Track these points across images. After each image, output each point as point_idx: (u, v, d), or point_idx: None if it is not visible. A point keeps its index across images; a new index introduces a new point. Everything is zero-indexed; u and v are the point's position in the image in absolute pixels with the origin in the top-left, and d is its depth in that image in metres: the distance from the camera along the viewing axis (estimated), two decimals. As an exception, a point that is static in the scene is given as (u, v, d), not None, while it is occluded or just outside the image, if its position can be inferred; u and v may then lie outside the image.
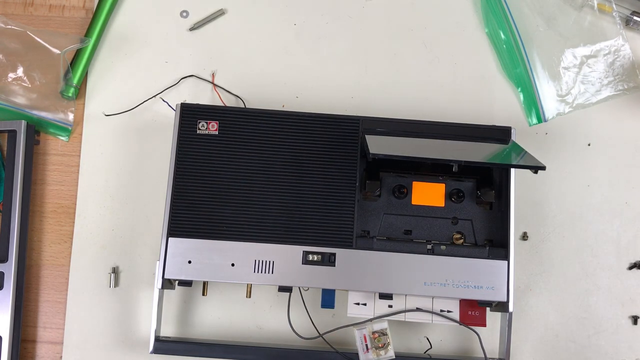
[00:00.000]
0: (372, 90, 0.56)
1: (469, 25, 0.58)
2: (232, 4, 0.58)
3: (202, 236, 0.46)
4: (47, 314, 0.52)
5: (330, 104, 0.56)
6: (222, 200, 0.47)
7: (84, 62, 0.55)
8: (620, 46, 0.56)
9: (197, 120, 0.48)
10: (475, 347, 0.51)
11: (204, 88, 0.56)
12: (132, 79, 0.56)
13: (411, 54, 0.57)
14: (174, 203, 0.46)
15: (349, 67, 0.57)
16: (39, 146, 0.55)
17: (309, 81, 0.56)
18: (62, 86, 0.54)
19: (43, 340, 0.52)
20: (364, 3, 0.58)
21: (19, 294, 0.50)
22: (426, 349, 0.50)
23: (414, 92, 0.56)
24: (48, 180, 0.54)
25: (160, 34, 0.57)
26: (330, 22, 0.58)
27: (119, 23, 0.57)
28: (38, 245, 0.53)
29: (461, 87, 0.56)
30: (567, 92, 0.56)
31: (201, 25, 0.57)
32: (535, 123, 0.56)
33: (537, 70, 0.56)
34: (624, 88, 0.56)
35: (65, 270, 0.53)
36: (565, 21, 0.57)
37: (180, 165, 0.47)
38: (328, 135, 0.48)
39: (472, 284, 0.46)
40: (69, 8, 0.58)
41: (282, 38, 0.57)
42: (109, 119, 0.55)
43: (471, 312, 0.47)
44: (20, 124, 0.52)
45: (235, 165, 0.47)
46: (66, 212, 0.54)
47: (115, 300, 0.52)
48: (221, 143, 0.48)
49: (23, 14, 0.58)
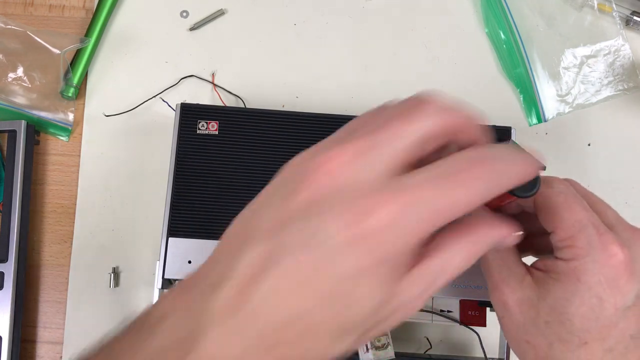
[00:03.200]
0: (372, 90, 0.56)
1: (469, 25, 0.58)
2: (232, 4, 0.58)
3: (202, 236, 0.46)
4: (47, 314, 0.52)
5: (330, 104, 0.56)
6: (222, 200, 0.46)
7: (84, 62, 0.55)
8: (620, 46, 0.56)
9: (197, 120, 0.48)
10: (475, 347, 0.51)
11: (204, 88, 0.56)
12: (132, 79, 0.56)
13: (411, 54, 0.57)
14: (173, 203, 0.46)
15: (349, 67, 0.57)
16: (38, 146, 0.55)
17: (309, 81, 0.56)
18: (62, 86, 0.54)
19: (43, 340, 0.52)
20: (364, 3, 0.58)
21: (19, 294, 0.50)
22: (426, 349, 0.50)
23: (414, 92, 0.56)
24: (48, 180, 0.54)
25: (160, 34, 0.57)
26: (330, 22, 0.58)
27: (119, 23, 0.58)
28: (38, 245, 0.53)
29: (461, 87, 0.56)
30: (567, 92, 0.56)
31: (201, 25, 0.57)
32: (535, 123, 0.56)
33: (537, 70, 0.56)
34: (624, 88, 0.56)
35: (65, 270, 0.53)
36: (565, 21, 0.57)
37: (180, 165, 0.47)
38: (328, 135, 0.48)
39: (472, 284, 0.46)
40: (69, 8, 0.58)
41: (282, 38, 0.57)
42: (108, 119, 0.55)
43: (471, 312, 0.47)
44: (20, 124, 0.52)
45: (235, 166, 0.47)
46: (66, 212, 0.54)
47: (115, 300, 0.52)
48: (221, 143, 0.48)
49: (23, 13, 0.58)
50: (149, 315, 0.26)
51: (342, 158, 0.23)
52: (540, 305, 0.29)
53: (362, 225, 0.22)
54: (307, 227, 0.22)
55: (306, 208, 0.23)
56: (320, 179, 0.23)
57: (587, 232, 0.28)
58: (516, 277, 0.30)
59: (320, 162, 0.24)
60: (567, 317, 0.28)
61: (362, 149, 0.23)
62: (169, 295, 0.26)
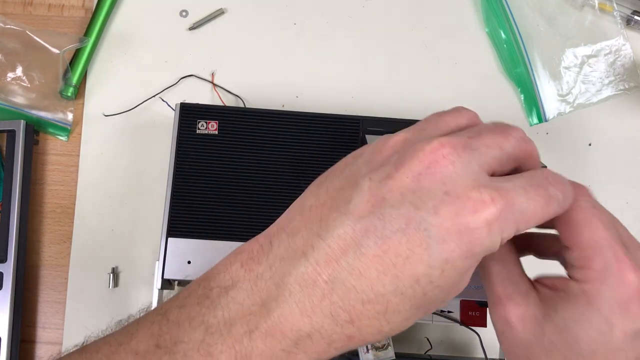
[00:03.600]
0: (372, 90, 0.56)
1: (470, 24, 0.58)
2: (231, 3, 0.58)
3: (201, 236, 0.46)
4: (46, 314, 0.52)
5: (330, 104, 0.56)
6: (222, 200, 0.46)
7: (83, 62, 0.55)
8: (621, 46, 0.56)
9: (196, 120, 0.48)
10: (475, 348, 0.51)
11: (204, 88, 0.56)
12: (132, 79, 0.56)
13: (411, 54, 0.57)
14: (173, 203, 0.46)
15: (349, 67, 0.57)
16: (38, 146, 0.54)
17: (309, 81, 0.56)
18: (62, 86, 0.54)
19: (42, 340, 0.52)
20: (364, 3, 0.58)
21: (18, 294, 0.50)
22: (426, 350, 0.50)
23: (414, 91, 0.56)
24: (47, 180, 0.54)
25: (160, 33, 0.57)
26: (330, 22, 0.58)
27: (118, 23, 0.57)
28: (37, 246, 0.53)
29: (461, 86, 0.56)
30: (568, 92, 0.56)
31: (201, 24, 0.57)
32: (536, 123, 0.55)
33: (538, 69, 0.56)
34: (625, 88, 0.56)
35: (64, 271, 0.52)
36: (566, 21, 0.57)
37: (179, 165, 0.47)
38: (328, 135, 0.48)
39: (472, 284, 0.45)
40: (68, 7, 0.58)
41: (282, 38, 0.57)
42: (108, 118, 0.55)
43: (472, 312, 0.47)
44: (19, 124, 0.51)
45: (235, 165, 0.47)
46: (65, 212, 0.53)
47: (114, 300, 0.52)
48: (221, 143, 0.48)
49: (22, 13, 0.57)
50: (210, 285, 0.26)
51: (444, 150, 0.24)
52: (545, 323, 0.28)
53: (469, 218, 0.23)
54: (408, 213, 0.23)
55: (406, 193, 0.24)
56: (422, 166, 0.24)
57: (604, 255, 0.27)
58: (521, 293, 0.30)
59: (422, 150, 0.24)
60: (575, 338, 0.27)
61: (461, 147, 0.25)
62: (233, 263, 0.26)
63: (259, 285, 0.25)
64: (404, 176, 0.24)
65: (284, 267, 0.24)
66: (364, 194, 0.24)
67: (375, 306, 0.24)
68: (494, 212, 0.23)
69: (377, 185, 0.24)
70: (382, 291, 0.23)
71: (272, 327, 0.24)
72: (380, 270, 0.23)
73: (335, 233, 0.24)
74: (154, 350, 0.25)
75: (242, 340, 0.24)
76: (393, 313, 0.24)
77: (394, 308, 0.24)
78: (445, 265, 0.23)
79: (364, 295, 0.23)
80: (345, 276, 0.23)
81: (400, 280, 0.23)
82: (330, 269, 0.24)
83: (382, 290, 0.23)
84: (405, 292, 0.24)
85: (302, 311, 0.24)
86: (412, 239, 0.23)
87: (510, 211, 0.23)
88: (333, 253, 0.24)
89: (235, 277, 0.26)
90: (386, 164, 0.25)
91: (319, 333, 0.24)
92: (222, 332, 0.24)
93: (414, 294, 0.24)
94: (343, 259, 0.23)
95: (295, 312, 0.24)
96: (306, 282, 0.24)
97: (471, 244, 0.23)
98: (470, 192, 0.23)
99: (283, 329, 0.24)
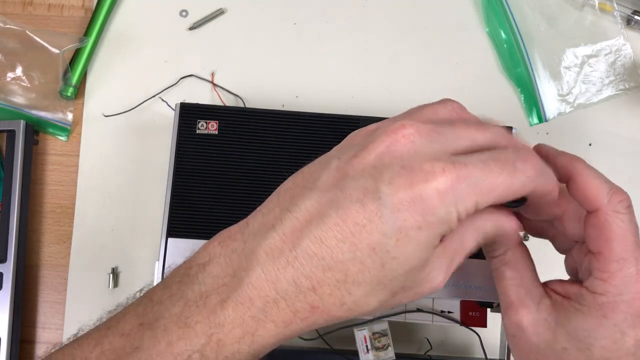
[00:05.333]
0: (372, 90, 0.56)
1: (470, 24, 0.58)
2: (231, 3, 0.58)
3: (201, 236, 0.46)
4: (46, 314, 0.52)
5: (330, 104, 0.55)
6: (222, 201, 0.46)
7: (83, 62, 0.55)
8: (621, 46, 0.56)
9: (196, 120, 0.48)
10: (475, 348, 0.51)
11: (204, 88, 0.56)
12: (131, 79, 0.56)
13: (411, 54, 0.57)
14: (173, 203, 0.46)
15: (349, 67, 0.57)
16: (38, 146, 0.54)
17: (309, 81, 0.56)
18: (61, 86, 0.54)
19: (42, 340, 0.52)
20: (364, 3, 0.58)
21: (18, 294, 0.50)
22: (426, 350, 0.50)
23: (414, 91, 0.56)
24: (47, 180, 0.54)
25: (160, 33, 0.57)
26: (330, 22, 0.58)
27: (118, 22, 0.57)
28: (37, 246, 0.53)
29: (461, 86, 0.56)
30: (568, 92, 0.56)
31: (201, 24, 0.57)
32: (536, 123, 0.55)
33: (538, 69, 0.56)
34: (625, 88, 0.56)
35: (64, 271, 0.52)
36: (566, 21, 0.57)
37: (179, 165, 0.47)
38: (328, 135, 0.48)
39: (473, 285, 0.45)
40: (68, 7, 0.58)
41: (282, 38, 0.57)
42: (108, 118, 0.55)
43: (472, 312, 0.47)
44: (19, 124, 0.51)
45: (235, 166, 0.47)
46: (65, 212, 0.53)
47: (114, 300, 0.51)
48: (221, 143, 0.48)
49: (22, 13, 0.57)
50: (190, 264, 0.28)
51: (405, 131, 0.25)
52: (557, 330, 0.29)
53: (421, 187, 0.24)
54: (365, 184, 0.24)
55: (367, 169, 0.25)
56: (384, 145, 0.25)
57: (625, 271, 0.27)
58: (533, 299, 0.30)
59: (385, 132, 0.26)
60: (587, 346, 0.28)
61: (426, 130, 0.26)
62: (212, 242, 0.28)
63: (232, 259, 0.26)
64: (367, 154, 0.25)
65: (255, 240, 0.26)
66: (331, 171, 0.26)
67: (335, 274, 0.25)
68: (445, 182, 0.24)
69: (343, 163, 0.26)
70: (341, 258, 0.24)
71: (242, 295, 0.25)
72: (339, 238, 0.24)
73: (302, 206, 0.25)
74: (137, 328, 0.27)
75: (215, 310, 0.25)
76: (353, 283, 0.25)
77: (353, 278, 0.25)
78: (399, 234, 0.24)
79: (324, 262, 0.25)
80: (308, 244, 0.25)
81: (358, 248, 0.24)
82: (295, 238, 0.25)
83: (340, 257, 0.24)
84: (364, 261, 0.24)
85: (267, 278, 0.25)
86: (368, 208, 0.24)
87: (464, 183, 0.24)
88: (299, 223, 0.25)
89: (212, 253, 0.27)
90: (355, 146, 0.27)
91: (284, 300, 0.25)
92: (198, 305, 0.26)
93: (372, 264, 0.25)
94: (307, 228, 0.25)
95: (262, 278, 0.25)
96: (273, 251, 0.25)
97: (424, 213, 0.24)
98: (424, 165, 0.24)
99: (251, 295, 0.25)
